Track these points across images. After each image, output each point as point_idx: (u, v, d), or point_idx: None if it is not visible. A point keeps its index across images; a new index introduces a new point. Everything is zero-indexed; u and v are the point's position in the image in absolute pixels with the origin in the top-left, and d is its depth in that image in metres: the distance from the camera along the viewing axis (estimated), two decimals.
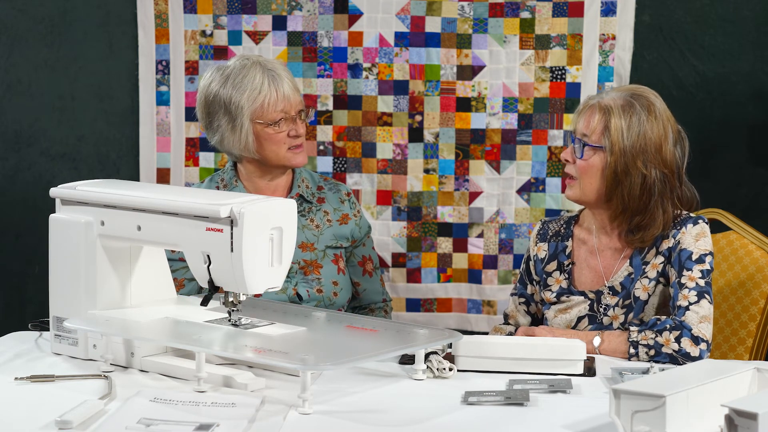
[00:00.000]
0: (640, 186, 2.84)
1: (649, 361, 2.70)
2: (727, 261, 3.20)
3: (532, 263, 3.05)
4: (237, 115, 3.05)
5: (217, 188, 3.16)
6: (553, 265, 2.99)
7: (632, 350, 2.72)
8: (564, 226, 3.04)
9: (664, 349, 2.69)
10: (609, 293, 2.90)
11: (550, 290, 2.97)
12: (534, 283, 3.05)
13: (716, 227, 3.26)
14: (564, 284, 2.96)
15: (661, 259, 2.87)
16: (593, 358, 2.68)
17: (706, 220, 2.90)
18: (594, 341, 2.77)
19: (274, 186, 3.17)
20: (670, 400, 2.05)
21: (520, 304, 3.08)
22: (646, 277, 2.87)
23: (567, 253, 2.98)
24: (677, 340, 2.69)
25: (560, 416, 2.26)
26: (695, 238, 2.84)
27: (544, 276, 3.00)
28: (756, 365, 2.30)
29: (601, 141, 2.85)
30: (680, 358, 2.68)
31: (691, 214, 2.90)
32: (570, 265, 2.97)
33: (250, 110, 3.05)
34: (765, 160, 3.98)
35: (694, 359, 2.68)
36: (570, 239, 3.00)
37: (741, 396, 2.22)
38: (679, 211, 2.90)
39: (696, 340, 2.70)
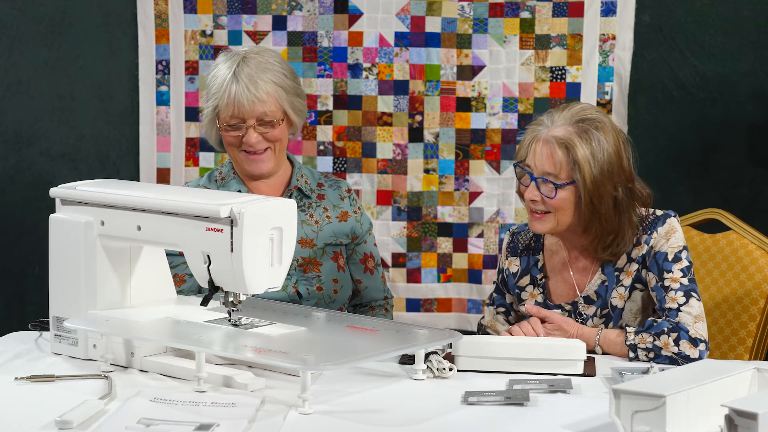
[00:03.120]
0: (613, 207, 2.78)
1: (648, 362, 2.70)
2: (727, 261, 3.20)
3: (504, 276, 3.02)
4: (206, 107, 3.07)
5: (216, 181, 3.16)
6: (526, 279, 2.96)
7: (632, 354, 2.71)
8: (533, 238, 2.99)
9: (663, 352, 2.69)
10: (584, 303, 2.89)
11: (525, 304, 2.95)
12: (510, 292, 3.02)
13: (716, 227, 3.26)
14: (539, 298, 2.93)
15: (635, 266, 2.84)
16: (593, 358, 2.68)
17: (673, 214, 2.86)
18: (596, 349, 2.77)
19: (271, 181, 3.15)
20: (670, 400, 2.05)
21: (498, 314, 3.05)
22: (622, 285, 2.86)
23: (539, 267, 2.96)
24: (676, 342, 2.69)
25: (560, 416, 2.26)
26: (665, 237, 2.82)
27: (517, 291, 2.98)
28: (756, 365, 2.30)
29: (571, 176, 2.76)
30: (680, 360, 2.68)
31: (658, 213, 2.87)
32: (543, 279, 2.95)
33: (212, 105, 3.05)
34: (765, 160, 3.98)
35: (693, 361, 2.68)
36: (541, 252, 2.97)
37: (741, 396, 2.22)
38: (646, 212, 2.87)
39: (694, 341, 2.69)
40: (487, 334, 3.06)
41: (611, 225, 2.80)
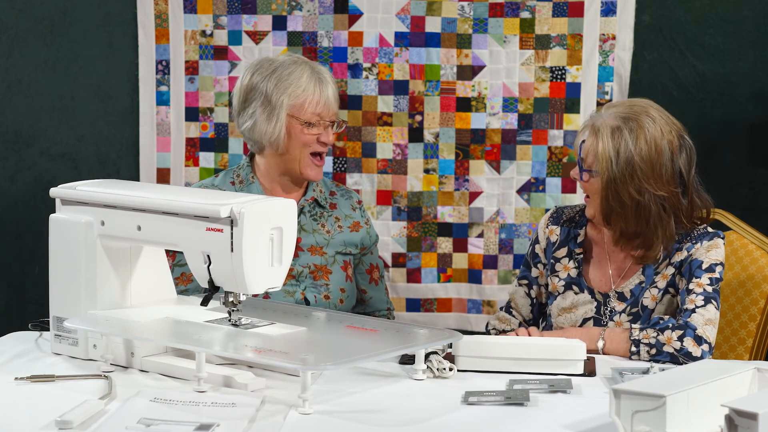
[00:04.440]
0: (634, 211, 2.81)
1: (650, 360, 2.70)
2: (727, 261, 3.19)
3: (540, 246, 3.03)
4: (276, 106, 3.09)
5: (233, 183, 3.18)
6: (564, 251, 2.98)
7: (633, 348, 2.71)
8: (579, 213, 3.02)
9: (665, 348, 2.69)
10: (617, 298, 2.89)
11: (558, 276, 2.96)
12: (539, 265, 3.03)
13: (716, 227, 3.25)
14: (573, 273, 2.95)
15: (671, 270, 2.86)
16: (593, 358, 2.68)
17: (722, 235, 2.88)
18: (598, 344, 2.77)
19: (291, 187, 3.18)
20: (670, 400, 2.05)
21: (520, 285, 3.08)
22: (656, 287, 2.87)
23: (579, 242, 2.97)
24: (680, 339, 2.69)
25: (560, 416, 2.26)
26: (707, 249, 2.84)
27: (553, 261, 2.98)
28: (756, 365, 2.30)
29: (594, 165, 2.83)
30: (681, 357, 2.68)
31: (709, 230, 2.89)
32: (581, 255, 2.96)
33: (289, 105, 3.09)
34: (765, 160, 3.98)
35: (695, 359, 2.68)
36: (584, 228, 2.98)
37: (741, 396, 2.22)
38: (698, 224, 2.90)
39: (699, 340, 2.69)
40: (510, 306, 3.09)
41: (631, 227, 2.82)
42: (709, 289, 2.79)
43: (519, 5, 3.97)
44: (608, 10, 3.95)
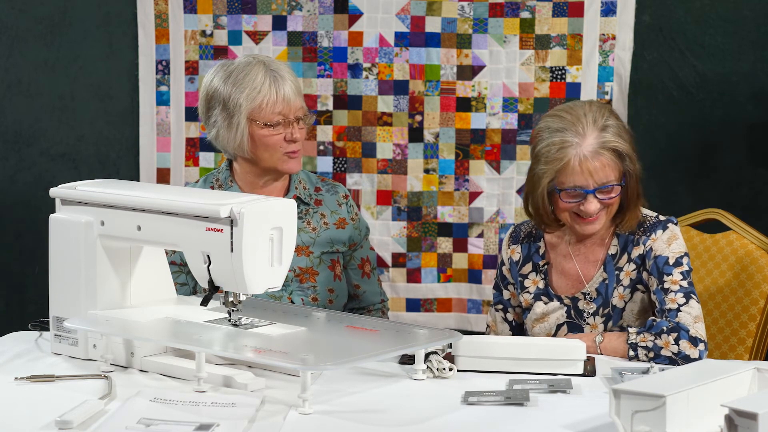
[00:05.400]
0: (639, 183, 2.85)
1: (648, 362, 2.70)
2: (727, 261, 3.20)
3: (506, 267, 3.02)
4: (234, 112, 3.02)
5: (212, 188, 3.14)
6: (528, 266, 2.98)
7: (632, 352, 2.72)
8: (534, 227, 3.01)
9: (663, 352, 2.69)
10: (584, 299, 2.89)
11: (528, 292, 2.96)
12: (509, 287, 3.03)
13: (716, 227, 3.26)
14: (541, 285, 2.95)
15: (633, 266, 2.86)
16: (593, 358, 2.68)
17: (675, 221, 2.89)
18: (596, 339, 2.77)
19: (271, 188, 3.15)
20: (670, 400, 2.05)
21: (497, 311, 3.06)
22: (621, 285, 2.87)
23: (541, 254, 2.97)
24: (676, 342, 2.69)
25: (560, 416, 2.26)
26: (667, 243, 2.84)
27: (520, 279, 2.98)
28: (756, 365, 2.30)
29: (623, 171, 2.80)
30: (679, 360, 2.68)
31: (661, 218, 2.89)
32: (546, 266, 2.96)
33: (247, 109, 3.01)
34: (765, 160, 3.98)
35: (693, 361, 2.68)
36: (542, 240, 2.98)
37: (741, 396, 2.22)
38: (647, 214, 2.89)
39: (694, 341, 2.70)
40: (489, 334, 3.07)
41: (633, 203, 2.84)
42: (684, 283, 2.79)
43: (519, 5, 3.97)
44: (608, 10, 3.95)
